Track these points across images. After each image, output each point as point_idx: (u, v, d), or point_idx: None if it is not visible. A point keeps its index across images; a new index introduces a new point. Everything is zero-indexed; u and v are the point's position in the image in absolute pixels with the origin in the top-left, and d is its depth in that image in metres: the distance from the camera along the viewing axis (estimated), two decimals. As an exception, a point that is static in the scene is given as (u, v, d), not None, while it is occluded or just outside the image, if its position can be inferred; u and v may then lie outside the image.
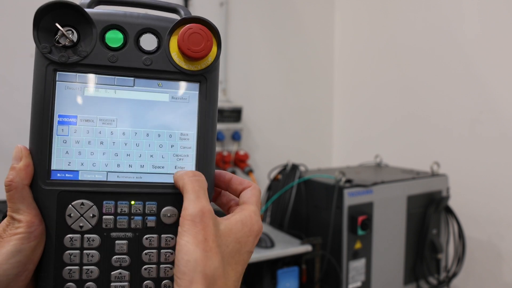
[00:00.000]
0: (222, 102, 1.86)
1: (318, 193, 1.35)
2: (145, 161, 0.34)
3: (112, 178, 0.33)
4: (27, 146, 0.32)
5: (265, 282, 1.29)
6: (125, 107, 0.33)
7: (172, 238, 0.33)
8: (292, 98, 2.14)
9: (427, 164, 1.56)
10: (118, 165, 0.33)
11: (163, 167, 0.34)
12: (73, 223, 0.31)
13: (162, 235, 0.33)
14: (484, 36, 1.58)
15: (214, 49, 0.34)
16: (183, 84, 0.34)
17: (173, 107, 0.34)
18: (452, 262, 1.51)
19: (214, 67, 0.34)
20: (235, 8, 1.92)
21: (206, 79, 0.34)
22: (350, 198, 1.26)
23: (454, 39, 1.68)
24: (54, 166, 0.32)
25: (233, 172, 1.76)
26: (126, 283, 0.32)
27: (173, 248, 0.33)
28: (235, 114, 1.84)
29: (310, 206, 1.39)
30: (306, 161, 1.62)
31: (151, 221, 0.33)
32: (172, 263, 0.33)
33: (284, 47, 2.11)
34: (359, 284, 1.30)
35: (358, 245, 1.28)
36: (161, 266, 0.33)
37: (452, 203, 1.50)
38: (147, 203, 0.33)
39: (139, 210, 0.33)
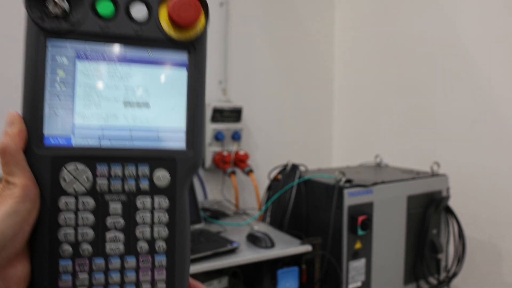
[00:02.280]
0: (222, 102, 1.86)
1: (318, 193, 1.35)
2: (137, 127, 0.34)
3: (105, 143, 0.33)
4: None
5: (265, 282, 1.29)
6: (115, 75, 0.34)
7: (165, 201, 0.34)
8: (292, 98, 2.14)
9: (427, 164, 1.56)
10: (111, 131, 0.34)
11: (154, 132, 0.35)
12: (67, 186, 0.32)
13: (155, 198, 0.34)
14: (484, 36, 1.58)
15: (203, 19, 0.35)
16: (173, 53, 0.35)
17: (163, 75, 0.35)
18: (452, 262, 1.51)
19: (202, 36, 0.35)
20: (235, 8, 1.92)
21: (195, 48, 0.36)
22: (350, 198, 1.26)
23: (454, 39, 1.68)
24: (47, 132, 0.32)
25: (233, 172, 1.76)
26: (121, 244, 0.33)
27: (166, 210, 0.34)
28: (235, 114, 1.84)
29: (310, 206, 1.39)
30: (306, 161, 1.62)
31: (144, 184, 0.34)
32: (166, 224, 0.34)
33: (284, 47, 2.11)
34: (359, 284, 1.30)
35: (358, 245, 1.28)
36: (154, 227, 0.34)
37: (452, 203, 1.50)
38: (139, 166, 0.34)
39: (132, 173, 0.33)
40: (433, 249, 1.44)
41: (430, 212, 1.42)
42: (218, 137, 1.79)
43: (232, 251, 1.19)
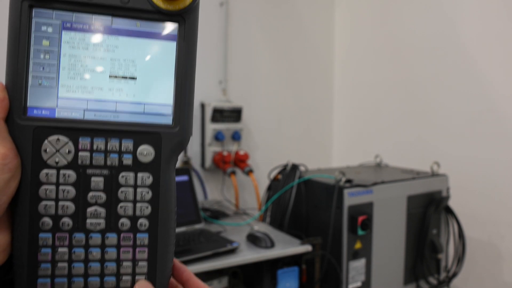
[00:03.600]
0: (222, 102, 1.86)
1: (318, 193, 1.35)
2: (122, 100, 0.33)
3: (89, 116, 0.33)
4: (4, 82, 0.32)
5: (265, 282, 1.29)
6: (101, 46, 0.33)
7: (149, 177, 0.33)
8: (292, 98, 2.14)
9: (427, 164, 1.56)
10: (95, 104, 0.33)
11: (140, 106, 0.34)
12: (48, 158, 0.31)
13: (138, 174, 0.33)
14: (484, 36, 1.58)
15: None
16: (161, 25, 0.34)
17: (151, 48, 0.34)
18: (452, 262, 1.51)
19: (192, 8, 0.34)
20: (235, 8, 1.92)
21: (184, 20, 0.34)
22: (350, 198, 1.26)
23: (454, 39, 1.68)
24: (30, 102, 0.32)
25: (233, 173, 1.76)
26: (102, 220, 0.32)
27: (149, 186, 0.33)
28: (235, 114, 1.84)
29: (310, 206, 1.39)
30: (306, 161, 1.62)
31: (127, 159, 0.33)
32: (149, 201, 0.33)
33: (284, 47, 2.11)
34: (359, 284, 1.30)
35: (358, 245, 1.28)
36: (137, 204, 0.33)
37: (452, 203, 1.50)
38: (123, 140, 0.33)
39: (115, 147, 0.33)
40: (433, 249, 1.44)
41: (430, 212, 1.42)
42: (218, 137, 1.79)
43: (232, 251, 1.19)
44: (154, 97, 0.34)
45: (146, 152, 0.33)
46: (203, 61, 1.84)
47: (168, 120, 0.34)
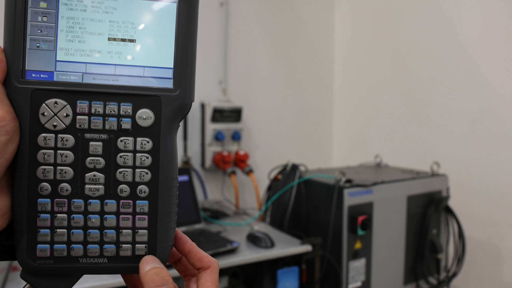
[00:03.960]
0: (222, 102, 1.86)
1: (318, 193, 1.35)
2: (121, 64, 0.33)
3: (88, 80, 0.32)
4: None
5: (265, 282, 1.29)
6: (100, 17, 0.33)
7: (148, 142, 0.32)
8: (292, 98, 2.14)
9: (427, 164, 1.56)
10: (94, 67, 0.32)
11: (140, 69, 0.33)
12: (46, 122, 0.31)
13: (137, 138, 0.32)
14: (485, 36, 1.58)
15: None
16: None
17: (151, 9, 0.33)
18: (452, 262, 1.51)
19: None
20: (235, 8, 1.92)
21: None
22: (350, 198, 1.26)
23: (454, 39, 1.68)
24: (28, 66, 0.31)
25: (233, 172, 1.76)
26: (100, 186, 0.32)
27: (149, 152, 0.32)
28: (235, 114, 1.84)
29: (310, 206, 1.39)
30: (306, 161, 1.62)
31: (126, 123, 0.32)
32: (148, 167, 0.32)
33: (284, 47, 2.11)
34: (359, 284, 1.30)
35: (358, 245, 1.28)
36: (136, 170, 0.32)
37: (452, 203, 1.50)
38: (122, 104, 0.32)
39: (114, 111, 0.32)
40: (433, 249, 1.44)
41: (430, 212, 1.42)
42: (218, 137, 1.79)
43: (232, 251, 1.19)
44: (154, 60, 0.33)
45: (145, 116, 0.32)
46: (203, 61, 1.84)
47: (169, 84, 0.33)
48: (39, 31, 0.31)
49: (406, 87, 1.90)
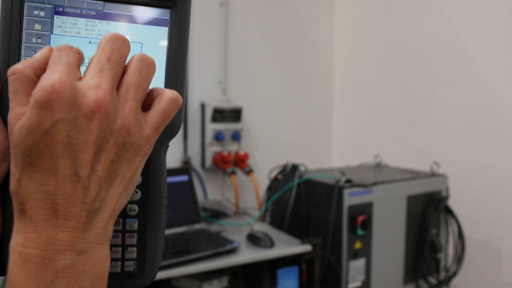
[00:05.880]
0: (222, 102, 1.86)
1: (318, 193, 1.35)
2: None
3: None
4: None
5: (265, 282, 1.30)
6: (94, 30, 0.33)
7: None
8: (292, 97, 2.15)
9: (427, 164, 1.56)
10: None
11: None
12: None
13: None
14: (485, 37, 1.58)
15: None
16: (153, 10, 0.34)
17: (142, 33, 0.34)
18: (451, 262, 1.51)
19: None
20: (235, 8, 1.92)
21: (176, 5, 0.34)
22: (350, 198, 1.26)
23: (453, 39, 1.68)
24: None
25: (233, 172, 1.76)
26: None
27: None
28: (235, 114, 1.84)
29: (310, 206, 1.39)
30: (306, 161, 1.62)
31: None
32: (138, 187, 0.33)
33: (284, 47, 2.11)
34: (359, 284, 1.30)
35: (358, 245, 1.28)
36: None
37: (452, 203, 1.50)
38: None
39: None
40: (433, 249, 1.44)
41: (429, 212, 1.42)
42: (218, 137, 1.79)
43: (232, 251, 1.19)
44: None
45: None
46: (203, 61, 1.84)
47: None
48: (34, 52, 0.32)
49: (406, 87, 1.90)
